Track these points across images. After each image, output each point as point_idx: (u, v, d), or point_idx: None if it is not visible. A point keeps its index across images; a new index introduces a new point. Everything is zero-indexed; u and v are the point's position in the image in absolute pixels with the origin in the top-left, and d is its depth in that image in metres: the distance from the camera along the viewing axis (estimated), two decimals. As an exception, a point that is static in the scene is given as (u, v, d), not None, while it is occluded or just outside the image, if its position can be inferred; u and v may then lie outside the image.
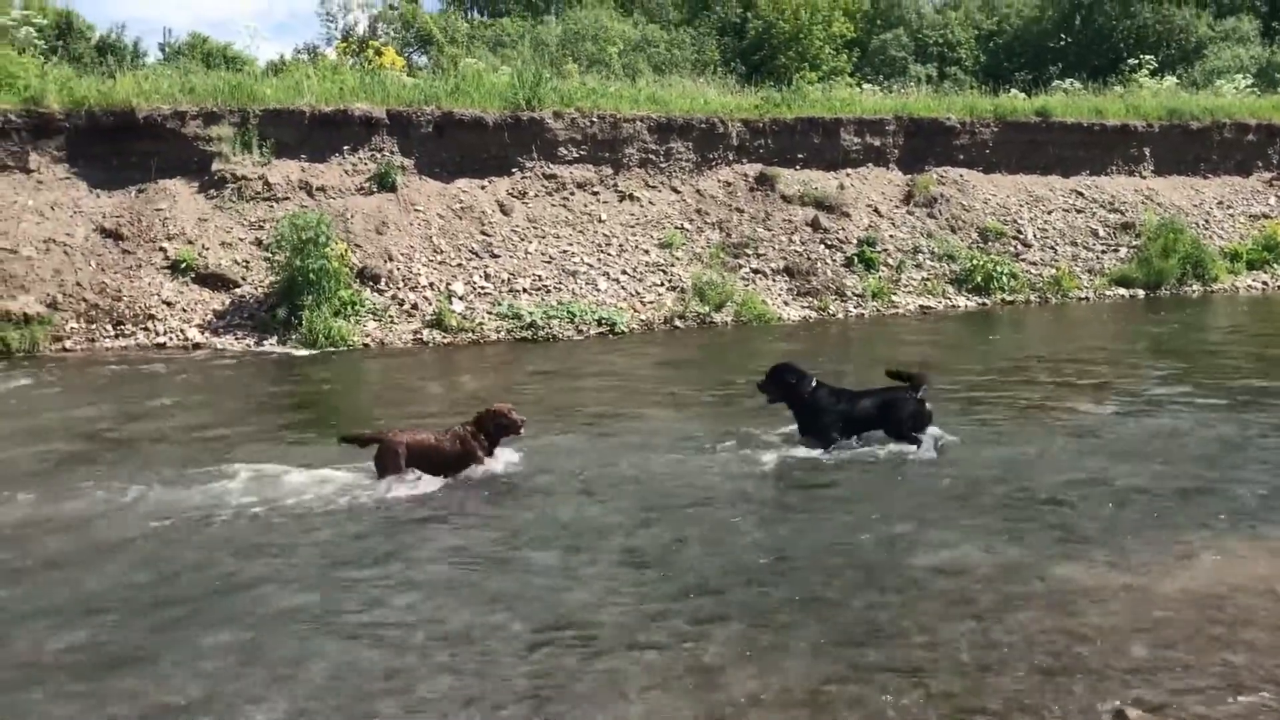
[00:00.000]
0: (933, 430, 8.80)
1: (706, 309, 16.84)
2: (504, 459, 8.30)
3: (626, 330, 15.93)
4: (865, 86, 25.97)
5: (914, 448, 8.61)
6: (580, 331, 15.68)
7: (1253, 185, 24.41)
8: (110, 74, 18.08)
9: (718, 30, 37.29)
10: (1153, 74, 27.35)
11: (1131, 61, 28.72)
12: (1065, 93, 25.56)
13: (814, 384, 8.83)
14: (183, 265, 15.51)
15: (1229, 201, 23.69)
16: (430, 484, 7.80)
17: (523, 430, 8.26)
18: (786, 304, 17.85)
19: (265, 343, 14.67)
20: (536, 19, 37.38)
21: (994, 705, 4.62)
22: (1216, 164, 24.39)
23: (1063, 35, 37.54)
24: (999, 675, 4.88)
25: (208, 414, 10.68)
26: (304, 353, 14.21)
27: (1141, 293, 20.10)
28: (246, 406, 11.26)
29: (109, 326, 14.72)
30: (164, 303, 15.09)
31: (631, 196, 19.01)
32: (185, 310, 15.11)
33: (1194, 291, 20.44)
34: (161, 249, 15.69)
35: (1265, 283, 21.37)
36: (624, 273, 17.47)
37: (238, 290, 15.57)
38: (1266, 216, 23.35)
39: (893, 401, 8.87)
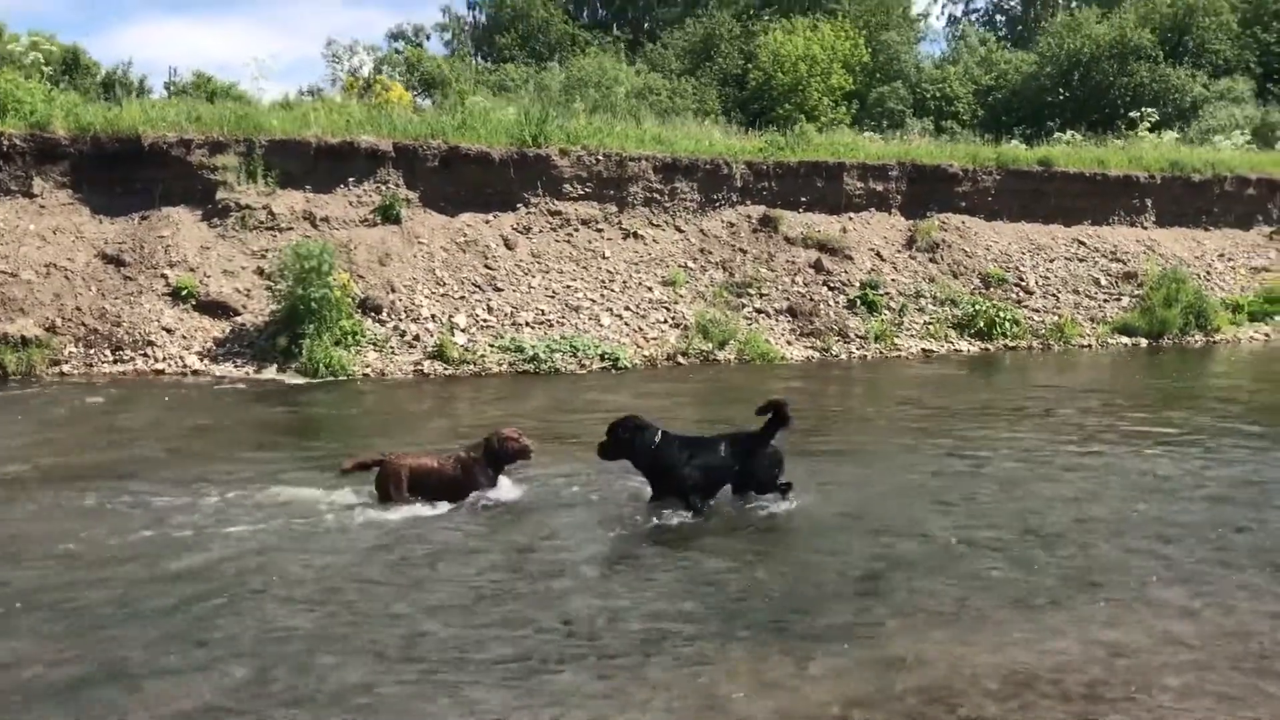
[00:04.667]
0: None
1: (709, 346, 16.73)
2: (506, 487, 8.08)
3: (629, 365, 15.80)
4: (866, 135, 26.07)
5: (767, 500, 7.67)
6: (583, 365, 15.55)
7: (1253, 239, 24.52)
8: (117, 102, 18.09)
9: (719, 80, 37.60)
10: (1152, 129, 27.53)
11: (1133, 114, 28.93)
12: (1067, 144, 25.69)
13: (658, 436, 7.59)
14: (184, 292, 15.38)
15: (1230, 254, 23.76)
16: (431, 509, 7.61)
17: (531, 454, 8.07)
18: (789, 344, 17.75)
19: (264, 371, 14.50)
20: (540, 65, 37.65)
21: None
22: (1217, 216, 24.51)
23: (1061, 90, 37.85)
24: (1029, 702, 4.72)
25: (206, 439, 10.51)
26: (302, 381, 14.03)
27: (1144, 341, 20.02)
28: (246, 432, 11.09)
29: (107, 351, 14.56)
30: (163, 329, 14.94)
31: (635, 234, 18.97)
32: (185, 337, 14.97)
33: (1196, 341, 20.36)
34: (163, 276, 15.57)
35: (1267, 334, 21.31)
36: (627, 309, 17.38)
37: (238, 318, 15.44)
38: (1267, 270, 23.40)
39: (749, 450, 7.64)
